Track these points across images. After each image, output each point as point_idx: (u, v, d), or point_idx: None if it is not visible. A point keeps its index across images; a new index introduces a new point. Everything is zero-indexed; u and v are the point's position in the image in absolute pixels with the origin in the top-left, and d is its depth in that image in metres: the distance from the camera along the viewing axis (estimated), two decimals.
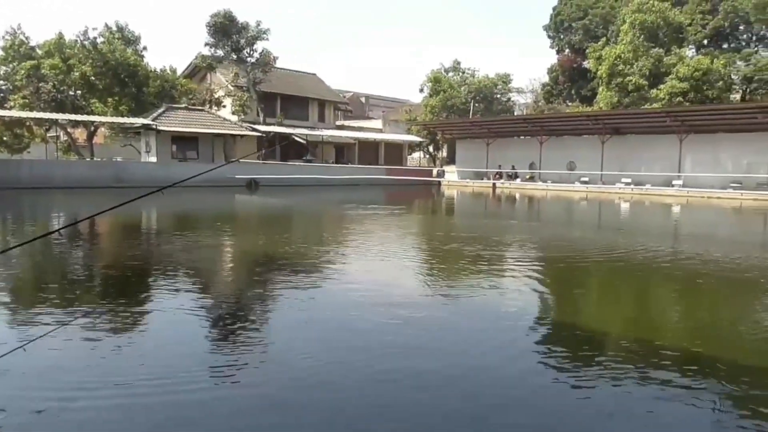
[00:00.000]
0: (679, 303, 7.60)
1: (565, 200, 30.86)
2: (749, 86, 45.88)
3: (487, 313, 6.45)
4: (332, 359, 4.74)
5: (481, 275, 8.59)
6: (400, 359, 4.74)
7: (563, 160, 41.69)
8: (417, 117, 58.53)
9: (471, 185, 43.50)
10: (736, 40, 49.81)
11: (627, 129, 39.59)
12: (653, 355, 5.01)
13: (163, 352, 4.90)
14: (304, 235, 14.38)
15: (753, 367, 4.89)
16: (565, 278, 9.00)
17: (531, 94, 69.50)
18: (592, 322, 6.42)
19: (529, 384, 4.32)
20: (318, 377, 4.31)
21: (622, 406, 3.94)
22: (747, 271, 9.78)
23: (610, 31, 52.64)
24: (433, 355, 4.89)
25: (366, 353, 4.91)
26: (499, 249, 11.83)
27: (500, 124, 47.50)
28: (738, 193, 31.62)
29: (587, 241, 14.21)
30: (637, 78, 44.27)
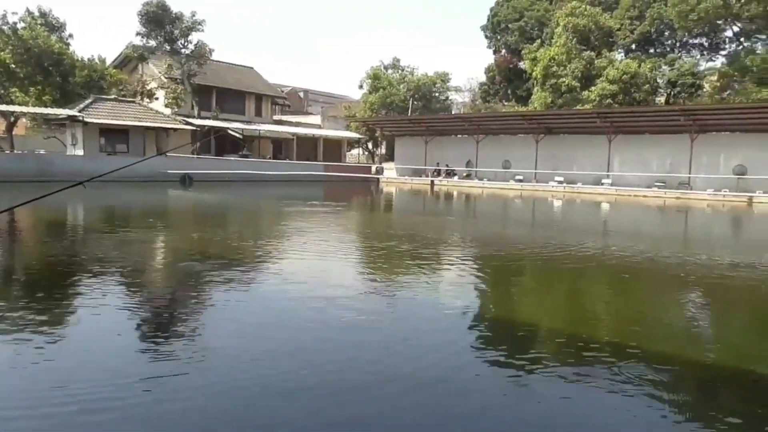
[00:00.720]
0: (607, 297, 7.78)
1: (500, 198, 31.45)
2: (673, 90, 48.11)
3: (427, 311, 6.40)
4: (266, 363, 4.54)
5: (419, 273, 8.54)
6: (339, 360, 4.59)
7: (499, 158, 42.52)
8: (356, 113, 58.37)
9: (410, 182, 43.75)
10: (661, 45, 52.11)
11: (560, 129, 40.77)
12: (582, 345, 5.10)
13: (86, 357, 4.56)
14: (239, 232, 13.99)
15: (675, 356, 5.04)
16: (502, 275, 9.09)
17: (469, 93, 70.60)
18: (526, 317, 6.47)
19: (468, 379, 4.27)
20: (248, 384, 4.11)
21: (554, 396, 3.96)
22: (670, 265, 10.17)
23: (545, 33, 54.04)
24: (373, 353, 4.78)
25: (303, 354, 4.73)
26: (437, 246, 11.86)
27: (439, 122, 48.00)
28: (662, 192, 33.10)
29: (522, 238, 14.47)
30: (569, 79, 45.64)
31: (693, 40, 50.11)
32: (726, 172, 33.33)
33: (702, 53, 50.95)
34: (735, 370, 4.93)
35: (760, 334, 6.30)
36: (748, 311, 7.30)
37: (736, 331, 6.41)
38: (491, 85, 62.42)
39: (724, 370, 4.90)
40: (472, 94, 69.08)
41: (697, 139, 34.04)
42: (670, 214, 24.34)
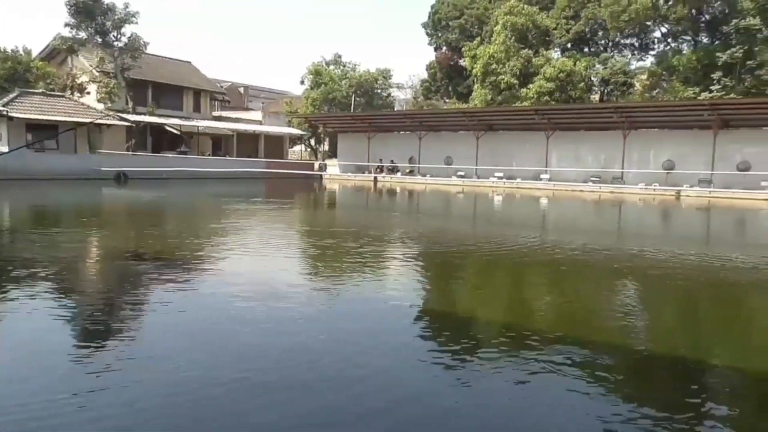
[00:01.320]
0: (545, 289, 7.93)
1: (443, 194, 31.78)
2: (606, 88, 49.86)
3: (371, 308, 6.33)
4: (206, 366, 4.36)
5: (363, 270, 8.46)
6: (279, 359, 4.47)
7: (441, 154, 42.97)
8: (298, 109, 57.74)
9: (353, 179, 43.66)
10: (595, 44, 53.87)
11: (500, 126, 41.57)
12: (524, 337, 5.13)
13: (10, 371, 4.26)
14: (177, 231, 13.54)
15: (607, 343, 5.15)
16: (444, 269, 9.14)
17: (411, 89, 70.97)
18: (468, 310, 6.50)
19: (406, 369, 4.23)
20: (185, 389, 3.93)
21: (497, 388, 3.98)
22: (605, 257, 10.50)
23: (485, 31, 54.91)
24: (316, 354, 4.66)
25: (244, 359, 4.58)
26: (381, 243, 11.83)
27: (381, 119, 48.10)
28: (597, 187, 34.26)
29: (464, 233, 14.63)
30: (508, 77, 46.56)
31: (625, 40, 52.06)
32: (656, 167, 34.80)
33: (633, 53, 53.02)
34: (668, 358, 5.09)
35: (688, 323, 6.55)
36: (678, 300, 7.59)
37: (667, 320, 6.64)
38: (433, 82, 62.99)
39: (658, 359, 5.04)
40: (414, 91, 69.51)
41: (629, 136, 35.40)
42: (605, 207, 25.20)
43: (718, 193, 30.52)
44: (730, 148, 32.44)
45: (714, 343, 5.68)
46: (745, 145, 32.45)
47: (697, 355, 5.23)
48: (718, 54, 41.30)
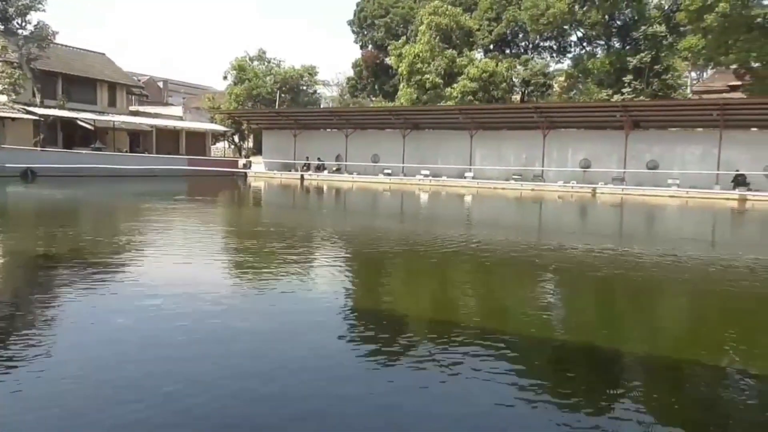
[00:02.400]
0: (471, 284, 8.01)
1: (370, 191, 31.80)
2: (527, 88, 51.55)
3: (300, 309, 6.16)
4: (128, 378, 4.06)
5: (290, 270, 8.25)
6: (209, 367, 4.23)
7: (368, 152, 42.99)
8: (221, 105, 56.29)
9: (279, 177, 42.97)
10: (516, 46, 55.59)
11: (425, 124, 42.07)
12: (448, 331, 5.17)
13: None
14: (91, 232, 12.78)
15: (529, 336, 5.26)
16: (372, 267, 9.07)
17: (337, 87, 70.79)
18: (395, 307, 6.44)
19: (336, 367, 4.11)
20: (96, 406, 3.64)
21: (419, 383, 3.94)
22: (526, 252, 10.77)
23: (410, 30, 55.48)
24: (241, 355, 4.46)
25: (168, 370, 4.31)
26: (308, 242, 11.62)
27: (307, 116, 47.60)
28: (519, 185, 35.29)
29: (391, 231, 14.64)
30: (433, 76, 47.23)
31: (544, 42, 54.04)
32: (573, 165, 36.25)
33: (552, 55, 55.13)
34: (586, 348, 5.24)
35: (604, 313, 6.79)
36: (593, 292, 7.87)
37: (584, 311, 6.86)
38: (359, 79, 63.05)
39: (576, 350, 5.19)
40: (340, 89, 69.36)
41: (548, 135, 36.67)
42: (526, 205, 25.99)
43: (630, 190, 32.14)
44: (640, 148, 34.25)
45: (626, 332, 5.91)
46: (653, 144, 34.36)
47: (611, 343, 5.41)
48: (628, 58, 43.57)
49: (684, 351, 5.32)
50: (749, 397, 4.25)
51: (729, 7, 33.55)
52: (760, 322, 6.48)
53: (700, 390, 4.46)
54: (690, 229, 17.99)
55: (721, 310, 7.00)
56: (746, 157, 31.46)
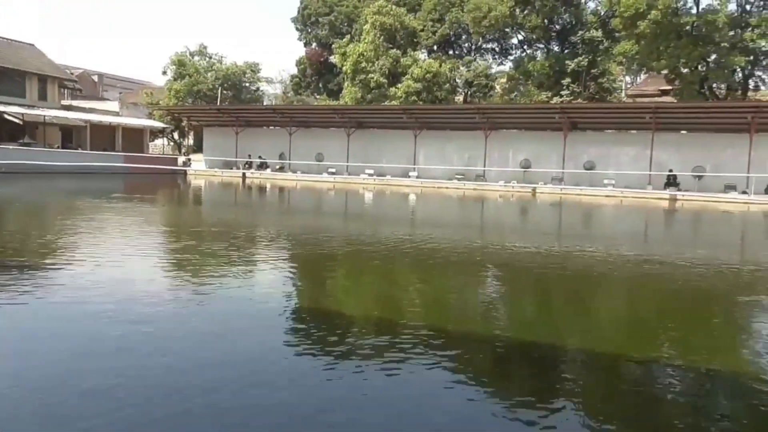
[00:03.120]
0: (415, 282, 7.98)
1: (314, 191, 31.52)
2: (470, 89, 52.29)
3: (243, 312, 5.96)
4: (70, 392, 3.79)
5: (232, 272, 8.01)
6: (148, 374, 4.00)
7: (312, 151, 42.64)
8: (160, 101, 54.63)
9: (220, 175, 42.03)
10: (459, 47, 56.33)
11: (370, 123, 42.07)
12: (395, 331, 5.12)
13: None
14: (17, 233, 12.08)
15: (469, 332, 5.29)
16: (317, 267, 8.93)
17: (280, 84, 69.93)
18: (341, 307, 6.35)
19: (280, 369, 3.98)
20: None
21: (366, 380, 3.89)
22: (469, 250, 10.86)
23: (354, 29, 55.34)
24: (176, 356, 4.25)
25: (104, 378, 4.05)
26: (249, 242, 11.35)
27: (250, 113, 46.79)
28: (461, 184, 35.75)
29: (336, 230, 14.50)
30: (378, 76, 47.26)
31: (486, 44, 54.97)
32: (514, 165, 37.02)
33: (494, 57, 56.15)
34: (526, 344, 5.31)
35: (542, 310, 6.89)
36: (533, 289, 8.00)
37: (526, 308, 6.96)
38: (303, 77, 62.47)
39: (517, 346, 5.26)
40: (284, 86, 68.55)
41: (490, 136, 37.31)
42: (469, 204, 26.33)
43: (569, 189, 33.07)
44: (578, 149, 35.32)
45: (566, 327, 5.99)
46: (590, 145, 35.49)
47: (551, 339, 5.49)
48: (567, 62, 44.84)
49: (621, 345, 5.46)
50: (683, 389, 4.38)
51: (660, 15, 35.00)
52: (693, 316, 6.72)
53: (636, 383, 4.55)
54: (624, 228, 18.65)
55: (656, 305, 7.23)
56: (676, 159, 32.97)
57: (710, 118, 32.46)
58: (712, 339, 5.77)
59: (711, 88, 40.34)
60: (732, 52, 36.12)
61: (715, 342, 5.66)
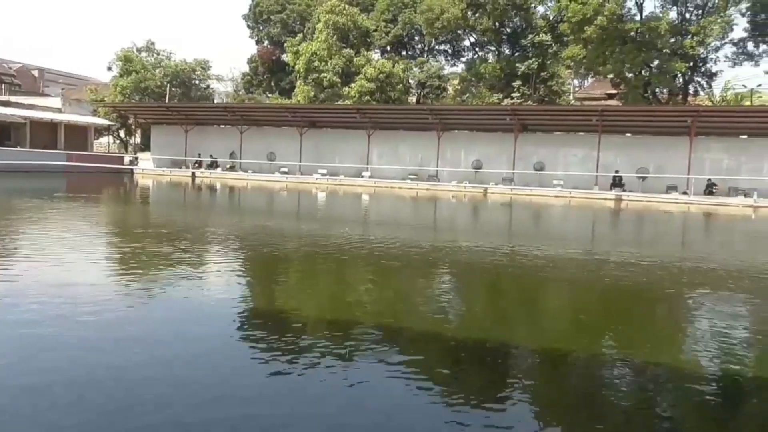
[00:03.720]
0: (369, 283, 7.93)
1: (266, 190, 31.10)
2: (423, 90, 52.62)
3: (193, 314, 5.81)
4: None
5: (180, 275, 7.75)
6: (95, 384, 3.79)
7: (264, 150, 42.05)
8: (105, 98, 52.90)
9: (169, 174, 40.97)
10: (412, 48, 56.62)
11: (323, 123, 41.80)
12: (347, 331, 5.11)
13: None
14: None
15: (423, 331, 5.30)
16: (269, 268, 8.76)
17: (231, 82, 68.77)
18: (295, 310, 6.22)
19: (228, 372, 3.85)
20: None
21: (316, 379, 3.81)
22: (423, 250, 10.87)
23: (307, 27, 54.92)
24: (128, 370, 4.05)
25: (49, 383, 3.82)
26: (199, 244, 11.05)
27: (200, 111, 45.83)
28: (414, 184, 35.91)
29: (288, 231, 14.30)
30: (331, 75, 47.01)
31: (439, 46, 55.44)
32: (466, 166, 37.44)
33: (446, 58, 56.69)
34: (476, 342, 5.36)
35: (494, 308, 6.95)
36: (486, 288, 8.06)
37: (477, 307, 7.00)
38: (254, 75, 61.56)
39: (469, 345, 5.28)
40: (235, 84, 67.44)
41: (442, 137, 37.63)
42: (422, 204, 26.47)
43: (519, 190, 33.65)
44: (528, 150, 35.98)
45: (515, 325, 6.10)
46: (540, 147, 36.22)
47: (501, 337, 5.57)
48: (517, 65, 45.67)
49: (568, 342, 5.56)
50: (628, 384, 4.49)
51: (606, 21, 36.06)
52: (636, 312, 6.91)
53: (583, 379, 4.65)
54: (572, 228, 19.08)
55: (602, 302, 7.40)
56: (621, 160, 34.02)
57: (653, 122, 33.62)
58: (648, 333, 5.95)
59: (654, 92, 41.82)
60: (673, 58, 37.54)
61: (652, 336, 5.85)
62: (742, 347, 5.50)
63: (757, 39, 41.13)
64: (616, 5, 36.61)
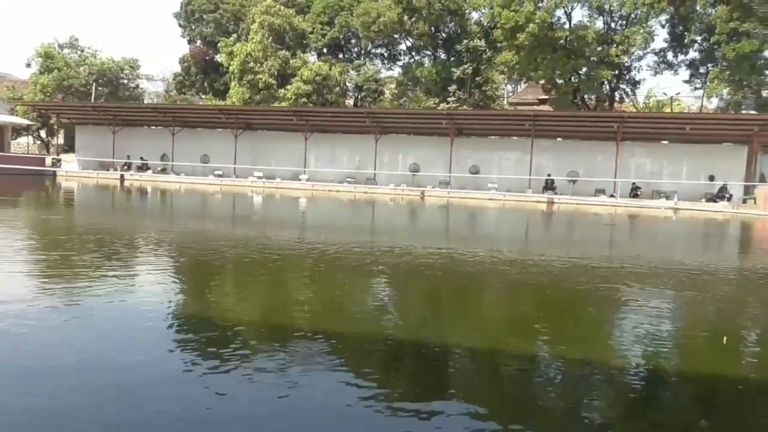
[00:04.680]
0: (306, 287, 7.73)
1: (200, 193, 30.22)
2: (360, 93, 52.61)
3: (124, 321, 5.50)
4: None
5: (109, 279, 7.31)
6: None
7: (197, 152, 40.87)
8: (24, 96, 50.08)
9: (95, 177, 39.13)
10: (349, 51, 56.47)
11: (258, 125, 41.05)
12: (283, 336, 5.12)
13: None
14: None
15: (361, 336, 5.26)
16: (202, 273, 8.41)
17: (163, 82, 66.64)
18: (228, 313, 5.96)
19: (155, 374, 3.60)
20: None
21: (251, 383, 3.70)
22: (358, 254, 10.75)
23: (241, 28, 53.87)
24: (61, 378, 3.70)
25: None
26: (127, 250, 10.51)
27: (128, 112, 44.06)
28: (352, 187, 35.78)
29: (222, 235, 13.84)
30: (266, 77, 46.27)
31: (375, 49, 55.54)
32: (404, 169, 37.64)
33: (383, 62, 56.84)
34: (414, 344, 5.38)
35: (432, 310, 6.92)
36: (422, 290, 8.03)
37: (413, 309, 6.97)
38: (187, 76, 59.84)
39: (405, 344, 5.34)
40: (167, 85, 65.37)
41: (380, 140, 37.69)
42: (360, 207, 26.37)
43: (455, 193, 34.12)
44: (463, 153, 36.55)
45: (451, 327, 6.11)
46: (475, 150, 36.87)
47: (437, 339, 5.58)
48: (453, 69, 46.40)
49: (502, 342, 5.69)
50: (560, 382, 4.57)
51: (537, 29, 37.17)
52: (569, 312, 7.07)
53: (516, 378, 4.72)
54: (507, 230, 19.46)
55: (535, 302, 7.53)
56: (553, 164, 35.05)
57: (582, 127, 34.87)
58: (575, 330, 6.08)
59: (583, 98, 43.44)
60: (600, 66, 39.13)
61: (578, 333, 6.00)
62: (653, 340, 5.68)
63: (676, 49, 43.49)
64: (547, 14, 37.83)
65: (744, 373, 5.04)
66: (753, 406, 4.35)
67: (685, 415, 4.17)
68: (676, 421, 4.00)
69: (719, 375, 4.94)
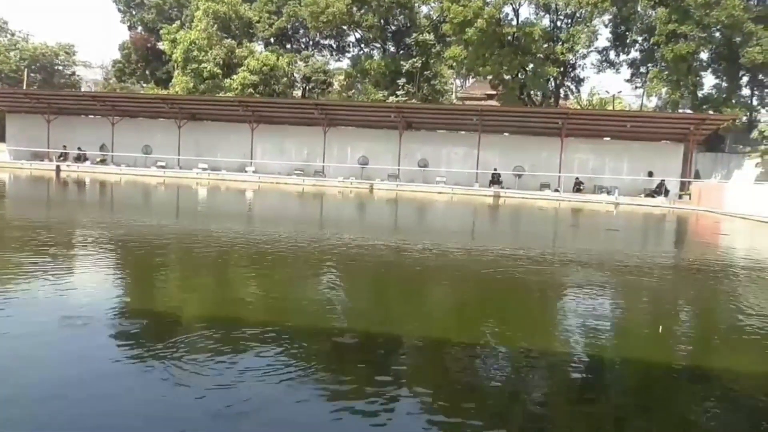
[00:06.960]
0: (253, 281, 7.51)
1: (141, 186, 29.23)
2: (308, 84, 51.95)
3: (56, 315, 5.16)
4: None
5: (42, 274, 6.91)
6: None
7: (138, 143, 39.49)
8: None
9: (28, 168, 37.27)
10: (297, 42, 55.59)
11: (203, 115, 39.99)
12: (231, 330, 5.07)
13: None
14: None
15: (308, 328, 5.17)
16: (142, 268, 8.05)
17: (101, 70, 64.06)
18: (171, 309, 5.72)
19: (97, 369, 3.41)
20: None
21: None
22: (308, 247, 10.56)
23: (185, 15, 52.30)
24: None
25: None
26: (63, 246, 9.98)
27: (65, 100, 42.16)
28: (300, 180, 35.35)
29: (165, 229, 13.36)
30: (211, 66, 45.10)
31: (324, 40, 54.87)
32: (352, 162, 37.45)
33: (332, 53, 56.18)
34: (363, 336, 5.36)
35: (381, 302, 6.83)
36: (371, 283, 7.95)
37: (363, 301, 6.88)
38: (127, 63, 57.67)
39: (356, 338, 5.25)
40: (106, 72, 62.89)
41: (328, 132, 37.36)
42: (308, 200, 26.06)
43: (404, 186, 34.17)
44: (412, 147, 36.65)
45: (403, 319, 6.10)
46: (424, 144, 37.04)
47: (387, 330, 5.60)
48: (402, 62, 46.36)
49: (451, 333, 5.71)
50: (510, 372, 4.63)
51: (485, 24, 37.51)
52: (516, 303, 7.20)
53: (467, 369, 4.73)
54: (455, 223, 19.61)
55: (482, 294, 7.63)
56: (500, 159, 35.58)
57: (528, 122, 35.48)
58: (517, 320, 6.12)
59: (529, 94, 44.20)
60: (546, 63, 39.86)
61: (521, 322, 6.02)
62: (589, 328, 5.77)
63: (618, 49, 44.80)
64: (495, 9, 38.23)
65: (677, 360, 5.20)
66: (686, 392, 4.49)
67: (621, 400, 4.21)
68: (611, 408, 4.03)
69: (653, 362, 5.10)
